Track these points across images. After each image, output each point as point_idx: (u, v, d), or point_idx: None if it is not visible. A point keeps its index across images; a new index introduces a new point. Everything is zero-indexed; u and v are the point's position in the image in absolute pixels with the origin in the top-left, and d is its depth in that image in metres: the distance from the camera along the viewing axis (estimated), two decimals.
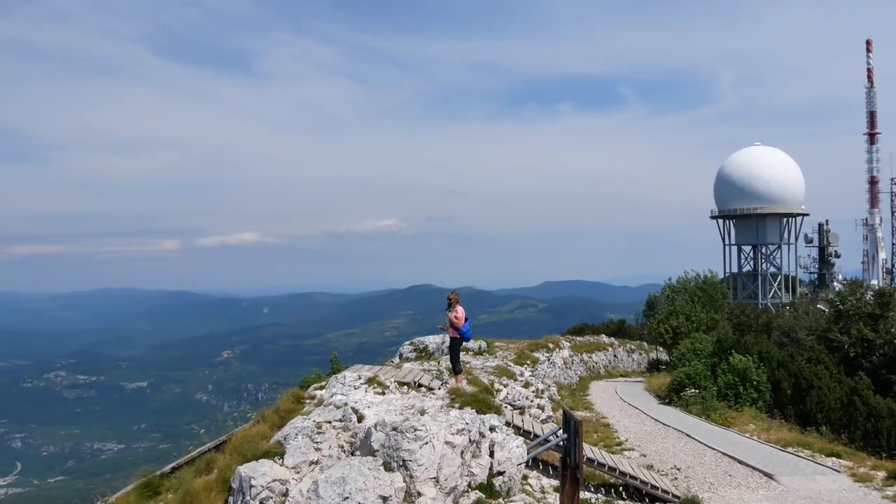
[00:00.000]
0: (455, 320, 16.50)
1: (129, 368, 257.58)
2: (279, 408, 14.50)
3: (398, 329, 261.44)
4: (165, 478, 15.44)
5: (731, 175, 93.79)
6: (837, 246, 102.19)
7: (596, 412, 30.16)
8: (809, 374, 29.79)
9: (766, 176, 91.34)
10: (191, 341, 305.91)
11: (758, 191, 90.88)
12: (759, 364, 30.76)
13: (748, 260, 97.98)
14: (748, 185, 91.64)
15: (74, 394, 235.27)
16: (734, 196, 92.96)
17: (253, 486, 9.49)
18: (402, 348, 29.14)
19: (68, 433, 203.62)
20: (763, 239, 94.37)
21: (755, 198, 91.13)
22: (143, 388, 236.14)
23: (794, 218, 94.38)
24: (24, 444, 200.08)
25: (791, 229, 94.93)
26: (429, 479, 9.43)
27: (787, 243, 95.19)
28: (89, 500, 15.92)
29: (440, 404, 12.42)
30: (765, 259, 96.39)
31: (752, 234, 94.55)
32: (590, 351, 51.06)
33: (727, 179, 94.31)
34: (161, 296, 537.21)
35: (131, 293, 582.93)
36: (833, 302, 44.86)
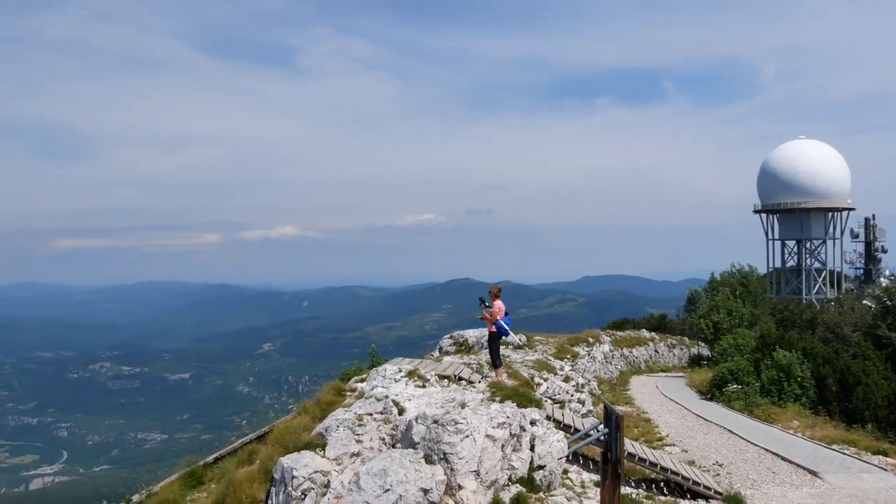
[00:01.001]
0: (491, 316, 16.48)
1: (172, 360, 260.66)
2: (320, 400, 14.58)
3: (437, 323, 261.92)
4: (208, 468, 15.61)
5: (775, 169, 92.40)
6: (884, 241, 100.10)
7: (637, 407, 29.95)
8: (857, 370, 29.33)
9: (810, 170, 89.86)
10: (232, 334, 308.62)
11: (802, 185, 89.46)
12: (804, 360, 30.34)
13: (792, 255, 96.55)
14: (792, 178, 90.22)
15: (118, 385, 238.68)
16: (778, 190, 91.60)
17: (295, 476, 9.55)
18: (441, 342, 29.15)
19: (113, 423, 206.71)
20: (807, 234, 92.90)
21: (800, 192, 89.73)
22: (185, 379, 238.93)
23: (839, 212, 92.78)
24: (69, 434, 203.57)
25: (836, 224, 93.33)
26: (469, 473, 9.42)
27: (832, 238, 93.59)
28: (134, 489, 16.12)
29: (481, 398, 12.40)
30: (809, 254, 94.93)
31: (796, 228, 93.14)
32: (630, 346, 50.68)
33: (771, 173, 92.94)
34: (203, 289, 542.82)
35: (174, 286, 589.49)
36: (880, 298, 44.09)
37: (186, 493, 14.31)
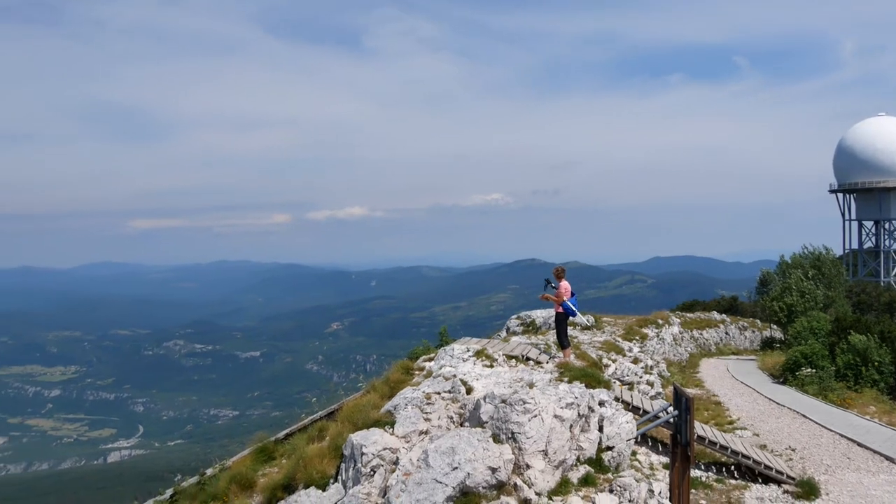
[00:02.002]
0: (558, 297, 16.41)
1: (243, 338, 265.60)
2: (389, 378, 14.70)
3: (504, 303, 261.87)
4: (279, 444, 15.88)
5: (853, 147, 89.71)
6: None
7: (707, 390, 29.58)
8: None
9: (891, 148, 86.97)
10: (301, 313, 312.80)
11: (881, 163, 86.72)
12: (881, 344, 29.58)
13: (870, 236, 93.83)
14: (871, 157, 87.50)
15: (192, 362, 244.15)
16: (855, 169, 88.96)
17: (364, 453, 9.66)
18: (508, 322, 29.15)
19: (186, 399, 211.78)
20: (886, 214, 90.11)
21: (878, 171, 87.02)
22: (256, 357, 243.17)
23: None
24: (145, 409, 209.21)
25: None
26: (537, 452, 9.42)
27: None
28: (207, 464, 16.49)
29: (548, 378, 12.38)
30: (888, 235, 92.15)
31: (874, 208, 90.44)
32: (700, 328, 49.97)
33: (848, 151, 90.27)
34: (273, 268, 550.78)
35: (246, 265, 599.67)
36: None
37: (258, 468, 14.59)
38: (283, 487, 11.89)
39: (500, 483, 8.79)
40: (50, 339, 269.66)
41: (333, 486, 10.34)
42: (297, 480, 11.58)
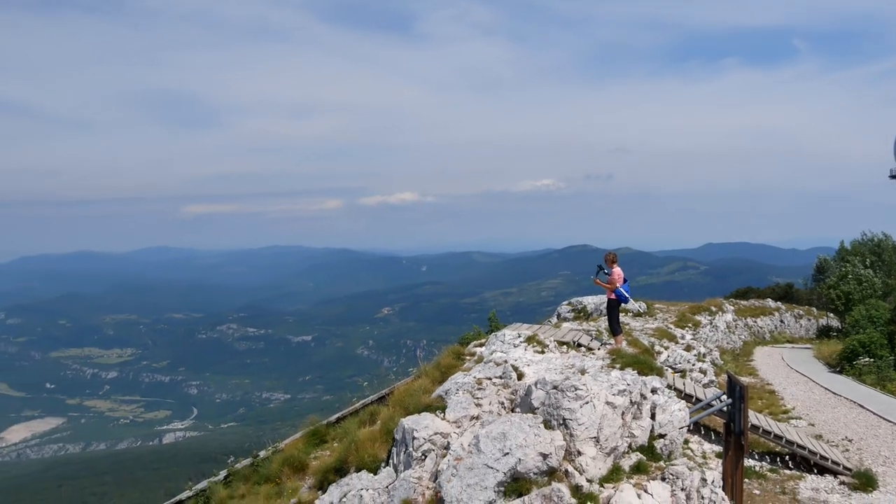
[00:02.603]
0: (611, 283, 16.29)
1: (295, 323, 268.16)
2: (440, 363, 14.72)
3: (554, 289, 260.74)
4: (331, 427, 16.02)
5: None
6: None
7: (761, 378, 29.20)
8: None
9: None
10: (352, 298, 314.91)
11: None
12: None
13: None
14: None
15: (245, 345, 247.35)
16: None
17: (416, 437, 9.69)
18: (559, 308, 28.99)
19: (239, 382, 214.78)
20: None
21: None
22: (307, 341, 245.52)
23: None
24: (199, 392, 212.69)
25: None
26: (589, 439, 9.36)
27: None
28: (260, 446, 16.70)
29: (600, 364, 12.30)
30: None
31: None
32: (754, 315, 49.29)
33: None
34: (325, 253, 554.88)
35: (297, 250, 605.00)
36: None
37: (310, 451, 14.74)
38: (334, 470, 11.99)
39: (552, 469, 8.76)
40: (107, 322, 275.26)
41: (385, 469, 10.40)
42: (349, 463, 11.67)
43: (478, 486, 8.49)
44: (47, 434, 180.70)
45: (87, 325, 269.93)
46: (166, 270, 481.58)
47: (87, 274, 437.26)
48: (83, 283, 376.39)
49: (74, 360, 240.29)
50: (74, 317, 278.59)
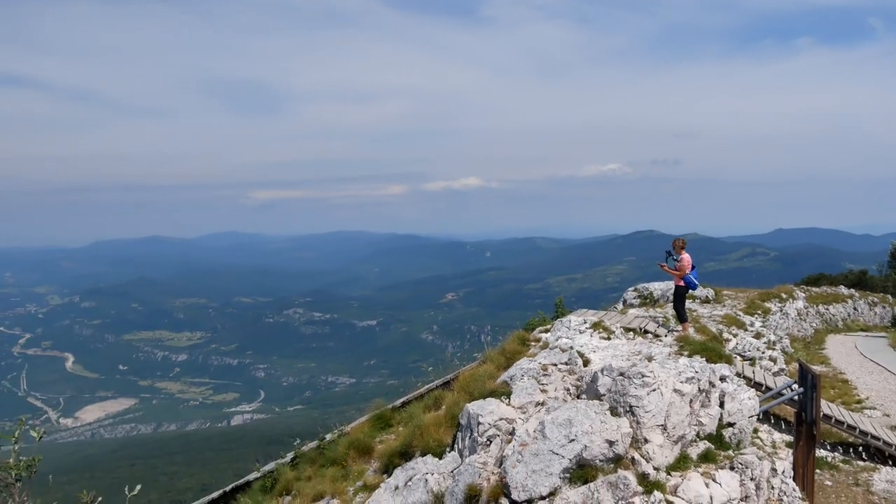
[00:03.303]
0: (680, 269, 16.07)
1: (360, 307, 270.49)
2: (505, 349, 14.69)
3: (620, 275, 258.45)
4: (396, 411, 16.11)
5: None
6: None
7: (833, 367, 28.55)
8: None
9: None
10: (416, 283, 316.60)
11: None
12: None
13: None
14: None
15: (311, 330, 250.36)
16: None
17: (481, 423, 9.69)
18: (625, 294, 28.68)
19: (305, 366, 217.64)
20: None
21: None
22: (372, 326, 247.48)
23: None
24: (266, 375, 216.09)
25: None
26: (656, 427, 9.25)
27: None
28: (326, 429, 16.86)
29: (668, 351, 12.15)
30: None
31: None
32: (826, 303, 48.16)
33: None
34: (389, 238, 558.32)
35: (362, 236, 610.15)
36: None
37: (376, 435, 14.85)
38: (399, 454, 12.06)
39: (618, 456, 8.68)
40: (177, 306, 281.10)
41: (450, 454, 10.43)
42: (414, 448, 11.73)
43: (543, 473, 8.46)
44: (120, 414, 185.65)
45: (158, 308, 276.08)
46: (234, 255, 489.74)
47: (158, 258, 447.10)
48: (154, 268, 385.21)
49: (146, 343, 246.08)
50: (146, 300, 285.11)
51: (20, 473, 5.86)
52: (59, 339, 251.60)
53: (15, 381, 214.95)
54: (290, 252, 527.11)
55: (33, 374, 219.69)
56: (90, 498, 6.02)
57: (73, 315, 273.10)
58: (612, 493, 8.18)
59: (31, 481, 5.91)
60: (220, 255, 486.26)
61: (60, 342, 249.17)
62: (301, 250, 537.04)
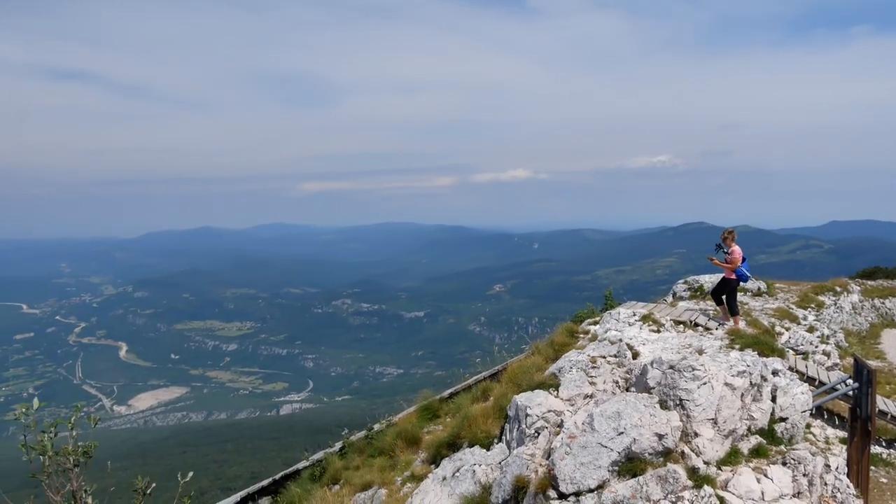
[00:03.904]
0: (731, 261, 15.85)
1: (408, 299, 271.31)
2: (553, 341, 14.64)
3: (669, 267, 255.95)
4: (444, 402, 16.15)
5: None
6: None
7: (889, 362, 27.99)
8: None
9: None
10: (464, 274, 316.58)
11: None
12: None
13: None
14: None
15: (359, 320, 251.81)
16: None
17: (529, 415, 9.67)
18: (675, 287, 28.40)
19: (353, 356, 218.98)
20: None
21: None
22: (419, 317, 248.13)
23: None
24: (314, 365, 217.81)
25: None
26: (706, 420, 9.16)
27: None
28: (374, 419, 16.97)
29: (718, 345, 12.02)
30: None
31: None
32: (883, 296, 47.18)
33: None
34: (437, 230, 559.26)
35: (410, 227, 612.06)
36: None
37: (423, 425, 14.90)
38: (447, 445, 12.09)
39: (667, 450, 8.61)
40: (227, 296, 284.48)
41: (497, 445, 10.43)
42: (462, 438, 11.75)
43: (591, 465, 8.42)
44: (172, 402, 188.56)
45: (209, 298, 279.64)
46: (283, 246, 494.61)
47: (209, 249, 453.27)
48: (205, 259, 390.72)
49: (197, 333, 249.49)
50: (197, 290, 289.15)
51: (78, 459, 5.98)
52: (113, 329, 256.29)
53: (70, 369, 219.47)
54: (338, 243, 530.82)
55: (88, 363, 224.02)
56: (144, 484, 6.13)
57: (126, 305, 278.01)
58: (662, 486, 8.12)
59: (87, 467, 6.03)
60: (270, 246, 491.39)
61: (114, 331, 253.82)
62: (349, 241, 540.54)
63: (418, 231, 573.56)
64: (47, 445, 5.86)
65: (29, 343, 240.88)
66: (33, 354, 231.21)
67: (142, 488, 6.13)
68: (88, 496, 5.97)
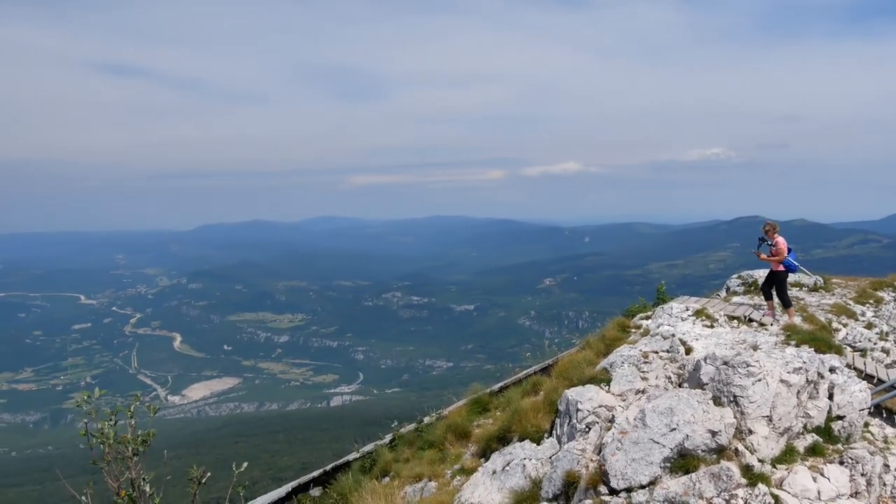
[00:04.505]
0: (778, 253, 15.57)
1: (458, 292, 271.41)
2: (604, 335, 14.55)
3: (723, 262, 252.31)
4: (494, 396, 16.14)
5: None
6: None
7: None
8: None
9: None
10: (514, 268, 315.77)
11: None
12: None
13: None
14: None
15: (409, 313, 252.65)
16: None
17: (580, 409, 9.62)
18: (728, 281, 28.00)
19: (403, 349, 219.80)
20: None
21: None
22: (469, 310, 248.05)
23: None
24: (365, 357, 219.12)
25: None
26: (761, 418, 9.02)
27: None
28: (424, 412, 17.01)
29: (774, 341, 11.83)
30: None
31: None
32: None
33: None
34: (487, 223, 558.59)
35: (460, 221, 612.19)
36: None
37: (473, 419, 14.91)
38: (497, 439, 12.08)
39: (721, 447, 8.51)
40: (279, 289, 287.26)
41: (548, 440, 10.39)
42: (512, 433, 11.73)
43: (643, 461, 8.36)
44: (224, 393, 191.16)
45: (261, 290, 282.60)
46: (334, 239, 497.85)
47: (261, 242, 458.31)
48: (257, 251, 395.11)
49: (249, 324, 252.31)
50: (249, 283, 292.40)
51: (137, 447, 6.08)
52: (168, 320, 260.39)
53: (126, 358, 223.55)
54: (388, 236, 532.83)
55: (143, 353, 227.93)
56: (200, 473, 6.21)
57: (180, 296, 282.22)
58: (715, 484, 8.02)
59: (145, 455, 6.13)
60: (320, 239, 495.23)
61: (169, 322, 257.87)
62: (399, 234, 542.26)
63: (468, 224, 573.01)
64: (108, 433, 5.96)
65: (86, 333, 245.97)
66: (91, 344, 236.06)
67: (197, 477, 6.22)
68: (146, 484, 6.07)
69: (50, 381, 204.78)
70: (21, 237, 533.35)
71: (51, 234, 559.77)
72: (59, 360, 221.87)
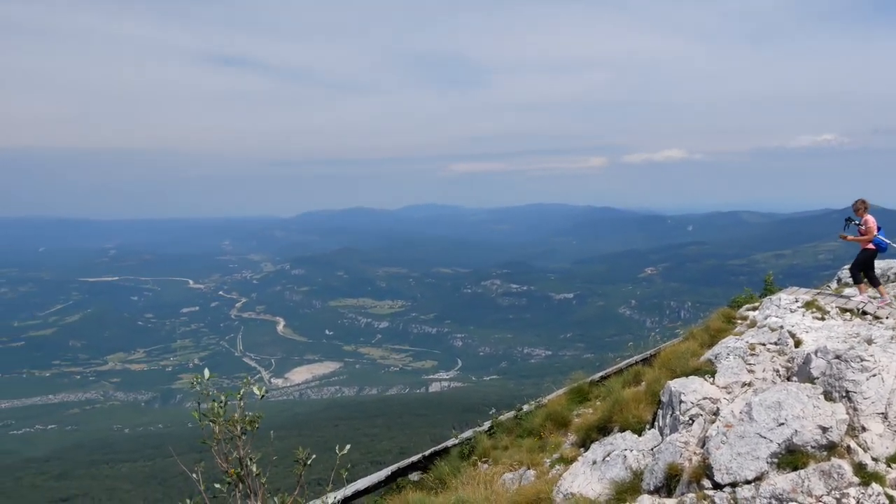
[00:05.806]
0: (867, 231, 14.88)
1: (557, 280, 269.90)
2: (709, 326, 14.25)
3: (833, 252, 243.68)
4: (594, 385, 15.99)
5: None
6: None
7: None
8: None
9: None
10: (614, 256, 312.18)
11: None
12: None
13: None
14: None
15: (507, 301, 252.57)
16: None
17: (683, 401, 9.44)
18: (840, 272, 27.02)
19: (501, 337, 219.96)
20: None
21: None
22: (569, 299, 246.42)
23: None
24: (463, 344, 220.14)
25: None
26: (875, 415, 8.68)
27: None
28: (522, 400, 16.97)
29: (890, 335, 11.35)
30: None
31: None
32: None
33: None
34: (587, 211, 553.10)
35: (560, 208, 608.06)
36: None
37: (573, 408, 14.80)
38: (597, 429, 11.97)
39: (832, 444, 8.21)
40: (379, 275, 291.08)
41: (649, 431, 10.24)
42: (613, 423, 11.61)
43: (749, 456, 8.15)
44: (326, 377, 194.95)
45: (362, 277, 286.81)
46: (434, 227, 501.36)
47: (362, 229, 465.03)
48: (358, 238, 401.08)
49: (350, 310, 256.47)
50: (350, 269, 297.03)
51: (245, 428, 6.27)
52: (272, 304, 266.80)
53: (232, 341, 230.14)
54: (487, 224, 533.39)
55: (248, 336, 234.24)
56: (305, 454, 6.34)
57: (284, 282, 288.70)
58: (825, 481, 7.77)
59: (252, 436, 6.29)
60: (420, 227, 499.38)
61: (273, 307, 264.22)
62: (498, 222, 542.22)
63: (567, 212, 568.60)
64: (219, 413, 6.14)
65: (194, 316, 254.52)
66: (198, 327, 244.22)
67: (303, 459, 6.35)
68: (253, 464, 6.22)
69: (160, 361, 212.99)
70: (133, 224, 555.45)
71: (161, 221, 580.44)
72: (168, 341, 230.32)
